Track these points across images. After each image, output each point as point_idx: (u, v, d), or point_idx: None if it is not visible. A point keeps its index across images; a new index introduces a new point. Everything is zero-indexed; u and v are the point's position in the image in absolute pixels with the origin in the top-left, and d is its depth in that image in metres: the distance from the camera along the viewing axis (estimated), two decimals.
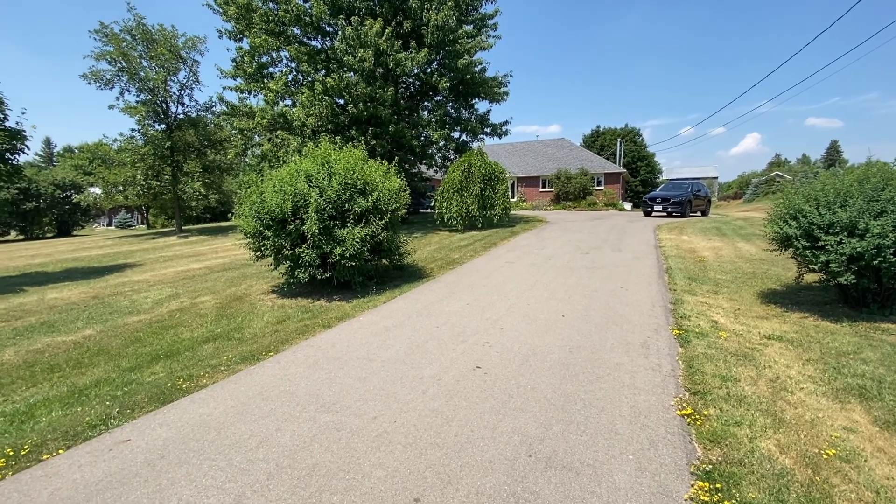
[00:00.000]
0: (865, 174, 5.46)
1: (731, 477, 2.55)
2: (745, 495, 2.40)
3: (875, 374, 3.87)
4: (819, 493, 2.44)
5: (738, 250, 10.35)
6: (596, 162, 35.90)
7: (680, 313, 5.73)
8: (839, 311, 5.65)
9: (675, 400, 3.50)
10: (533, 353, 4.63)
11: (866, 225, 4.95)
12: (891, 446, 2.88)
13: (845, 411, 3.34)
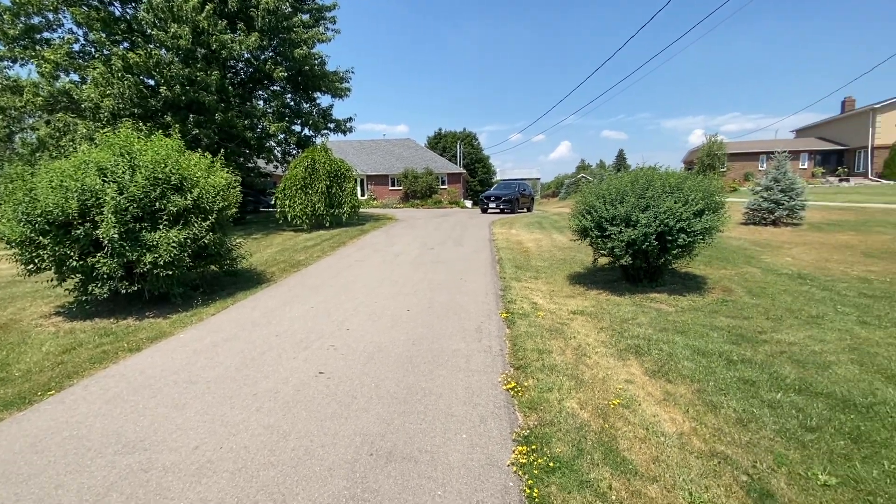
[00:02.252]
0: (635, 177, 6.89)
1: (544, 437, 2.96)
2: (553, 451, 2.81)
3: (646, 335, 4.92)
4: (607, 437, 2.99)
5: (554, 241, 12.12)
6: (440, 162, 37.93)
7: (508, 298, 6.43)
8: (623, 287, 7.04)
9: (501, 376, 3.91)
10: (378, 350, 4.64)
11: (637, 217, 6.25)
12: (656, 390, 3.70)
13: (626, 367, 4.17)
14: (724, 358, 4.15)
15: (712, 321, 5.21)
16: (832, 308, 5.51)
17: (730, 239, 11.03)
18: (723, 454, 2.77)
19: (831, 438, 2.85)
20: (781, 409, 3.22)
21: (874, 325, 4.88)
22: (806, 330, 4.81)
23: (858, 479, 2.48)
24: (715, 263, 8.37)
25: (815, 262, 8.21)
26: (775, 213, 12.51)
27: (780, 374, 3.76)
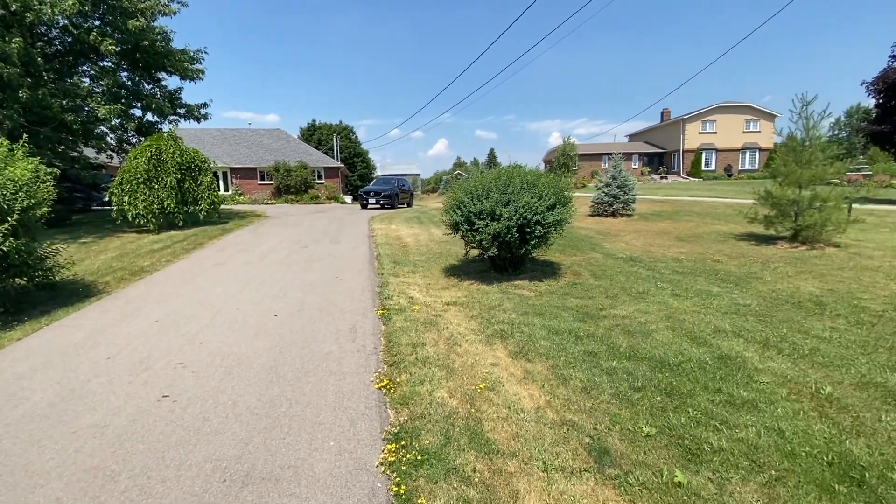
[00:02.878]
0: (498, 174, 7.38)
1: (414, 431, 2.98)
2: (423, 443, 2.84)
3: (510, 319, 5.29)
4: (473, 421, 3.13)
5: (432, 235, 12.43)
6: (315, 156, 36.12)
7: (385, 294, 6.38)
8: (492, 276, 7.50)
9: (375, 375, 3.85)
10: (238, 363, 4.20)
11: (500, 212, 6.69)
12: (518, 370, 3.99)
13: (493, 351, 4.42)
14: (573, 335, 4.67)
15: (564, 302, 5.84)
16: (654, 284, 6.61)
17: (580, 229, 12.53)
18: (571, 422, 3.10)
19: (652, 395, 3.39)
20: (616, 375, 3.73)
21: (683, 297, 5.98)
22: (635, 304, 5.68)
23: (671, 427, 2.98)
24: (567, 251, 9.42)
25: (642, 247, 9.78)
26: (614, 206, 14.58)
27: (616, 345, 4.37)
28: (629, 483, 2.45)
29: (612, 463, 2.64)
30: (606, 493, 2.40)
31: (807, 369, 3.71)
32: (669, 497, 2.34)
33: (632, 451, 2.73)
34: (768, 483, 2.41)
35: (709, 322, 4.91)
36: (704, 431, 2.89)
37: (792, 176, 8.88)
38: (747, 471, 2.51)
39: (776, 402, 3.21)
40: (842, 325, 4.74)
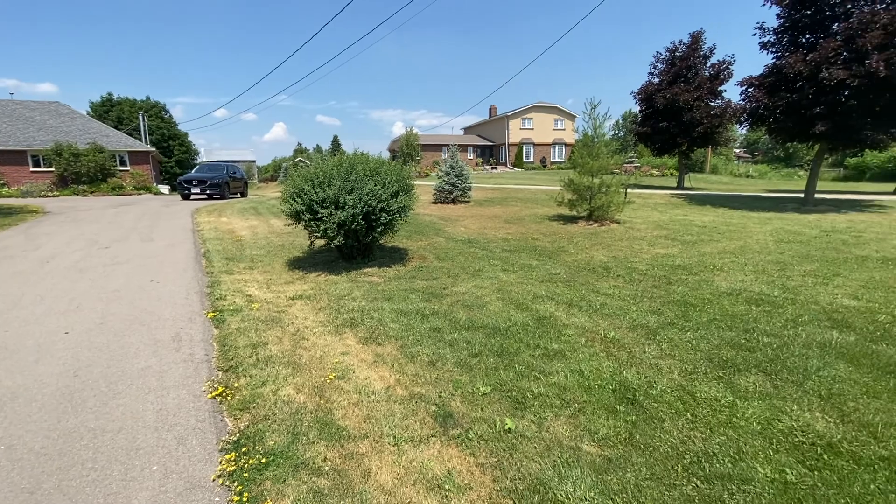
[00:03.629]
0: (339, 162, 7.21)
1: (257, 434, 2.79)
2: (268, 445, 2.68)
3: (360, 307, 5.29)
4: (323, 413, 3.08)
5: (272, 227, 11.53)
6: (114, 137, 29.77)
7: (216, 295, 5.72)
8: (340, 266, 7.36)
9: (206, 384, 3.45)
10: (13, 397, 3.29)
11: (344, 200, 6.58)
12: (368, 355, 4.03)
13: (342, 340, 4.38)
14: (420, 314, 4.93)
15: (412, 285, 6.10)
16: (487, 263, 7.36)
17: (424, 216, 13.13)
18: (419, 394, 3.29)
19: (487, 359, 3.81)
20: (457, 346, 4.08)
21: (510, 271, 6.81)
22: (472, 281, 6.25)
23: (502, 383, 3.41)
24: (414, 237, 9.80)
25: (478, 230, 10.76)
26: (453, 194, 15.66)
27: (457, 318, 4.76)
28: (469, 438, 2.74)
29: (455, 424, 2.91)
30: (450, 451, 2.64)
31: (598, 320, 4.64)
32: (502, 442, 2.69)
33: (471, 410, 3.05)
34: (573, 414, 2.97)
35: (530, 290, 5.72)
36: (527, 382, 3.39)
37: (586, 166, 10.81)
38: (559, 408, 3.05)
39: (578, 349, 3.95)
40: (621, 283, 6.03)
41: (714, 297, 5.28)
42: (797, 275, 6.15)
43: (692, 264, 6.90)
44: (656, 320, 4.58)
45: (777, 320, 4.48)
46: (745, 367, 3.54)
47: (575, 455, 2.56)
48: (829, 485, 2.28)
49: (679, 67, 19.60)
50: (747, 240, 8.76)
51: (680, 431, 2.76)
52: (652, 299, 5.29)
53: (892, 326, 4.24)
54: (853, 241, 8.33)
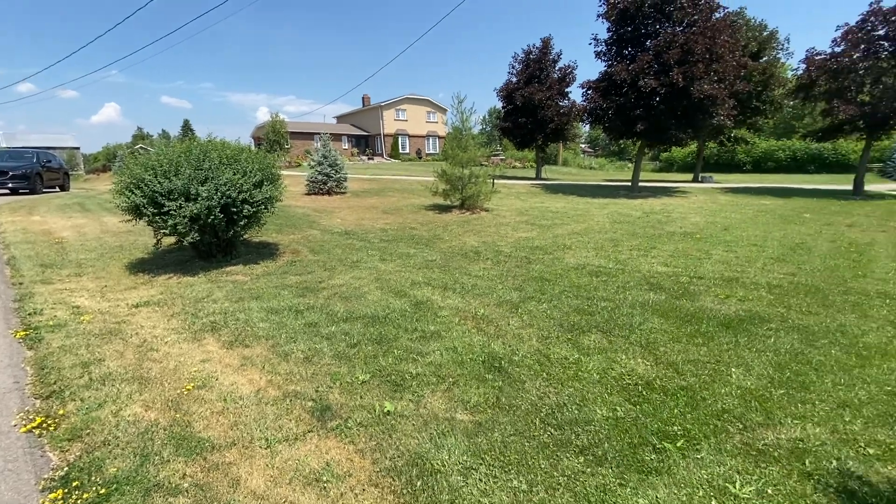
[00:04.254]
0: (189, 148, 6.40)
1: (93, 464, 2.38)
2: (108, 474, 2.31)
3: (223, 309, 4.82)
4: (180, 426, 2.76)
5: (105, 225, 9.74)
6: None
7: (29, 310, 4.66)
8: (197, 266, 6.58)
9: (19, 416, 2.82)
10: None
11: (197, 190, 5.87)
12: (234, 359, 3.70)
13: (202, 347, 3.95)
14: (294, 310, 4.69)
15: (283, 281, 5.76)
16: (366, 253, 7.30)
17: (297, 207, 12.43)
18: (293, 392, 3.15)
19: (365, 347, 3.81)
20: (335, 338, 4.00)
21: (389, 260, 6.85)
22: (350, 273, 6.15)
23: (381, 369, 3.45)
24: (285, 230, 9.22)
25: (355, 221, 10.58)
26: (328, 184, 15.07)
27: (334, 311, 4.65)
28: (348, 427, 2.73)
29: (334, 415, 2.86)
30: (329, 443, 2.60)
31: (470, 300, 4.96)
32: (381, 425, 2.74)
33: (350, 400, 3.03)
34: (448, 388, 3.16)
35: (408, 278, 5.85)
36: (406, 365, 3.49)
37: (457, 158, 11.36)
38: (435, 385, 3.21)
39: (452, 328, 4.18)
40: (489, 265, 6.53)
41: (564, 271, 6.05)
42: (626, 249, 7.37)
43: (547, 245, 7.77)
44: (518, 295, 5.08)
45: (611, 287, 5.33)
46: (587, 328, 4.15)
47: (450, 425, 2.73)
48: (647, 414, 2.82)
49: (533, 69, 21.62)
50: (590, 222, 10.18)
51: (538, 389, 3.13)
52: (515, 277, 5.83)
53: (689, 285, 5.37)
54: (665, 220, 10.27)
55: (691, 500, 2.15)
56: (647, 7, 14.39)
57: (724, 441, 2.56)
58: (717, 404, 2.91)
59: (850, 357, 3.52)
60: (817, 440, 2.56)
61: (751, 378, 3.23)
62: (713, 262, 6.49)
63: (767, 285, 5.32)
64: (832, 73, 14.61)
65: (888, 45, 13.62)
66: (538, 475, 2.31)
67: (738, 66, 14.66)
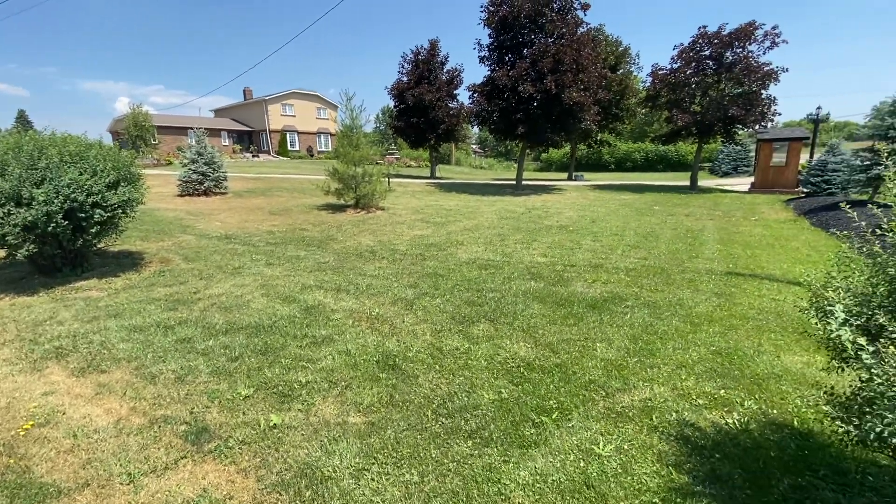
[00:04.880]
0: (17, 142, 5.33)
1: None
2: None
3: (71, 331, 4.12)
4: (16, 473, 2.31)
5: None
6: None
7: None
8: (36, 283, 5.53)
9: None
10: None
11: (31, 194, 4.92)
12: (87, 388, 3.19)
13: (44, 377, 3.34)
14: (163, 326, 4.20)
15: (150, 294, 5.10)
16: (250, 258, 6.79)
17: (168, 211, 11.07)
18: (163, 417, 2.83)
19: (249, 360, 3.56)
20: (213, 353, 3.67)
21: (276, 264, 6.46)
22: (231, 280, 5.67)
23: (267, 381, 3.25)
24: (153, 237, 8.16)
25: (237, 224, 9.76)
26: (205, 184, 13.66)
27: (212, 323, 4.26)
28: (229, 447, 2.54)
29: (212, 437, 2.64)
30: (206, 467, 2.39)
31: (365, 300, 4.92)
32: (266, 440, 2.59)
33: (231, 418, 2.81)
34: (340, 392, 3.10)
35: (298, 282, 5.58)
36: (295, 373, 3.34)
37: (349, 156, 11.10)
38: (327, 390, 3.13)
39: (346, 330, 4.11)
40: (385, 264, 6.52)
41: (457, 266, 6.30)
42: (511, 243, 7.92)
43: (441, 242, 8.02)
44: (413, 292, 5.17)
45: (498, 278, 5.69)
46: (477, 318, 4.39)
47: (342, 430, 2.69)
48: (528, 392, 3.09)
49: (422, 70, 21.99)
50: (480, 218, 10.73)
51: (431, 382, 3.23)
52: (410, 275, 5.92)
53: (564, 273, 5.97)
54: (544, 215, 11.24)
55: (564, 465, 2.41)
56: (523, 17, 15.53)
57: (590, 408, 2.92)
58: (585, 376, 3.30)
59: (686, 325, 4.23)
60: (661, 398, 3.04)
61: (612, 350, 3.71)
62: (583, 251, 7.29)
63: (625, 269, 6.14)
64: (671, 86, 17.29)
65: (712, 63, 16.52)
66: (430, 465, 2.39)
67: (600, 77, 16.57)
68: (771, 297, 4.93)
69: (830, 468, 2.36)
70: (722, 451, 2.51)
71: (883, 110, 10.71)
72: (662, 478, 2.30)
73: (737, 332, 4.06)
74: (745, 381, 3.23)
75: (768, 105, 15.85)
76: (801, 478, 2.29)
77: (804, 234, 8.81)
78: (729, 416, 2.83)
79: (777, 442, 2.58)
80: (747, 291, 5.17)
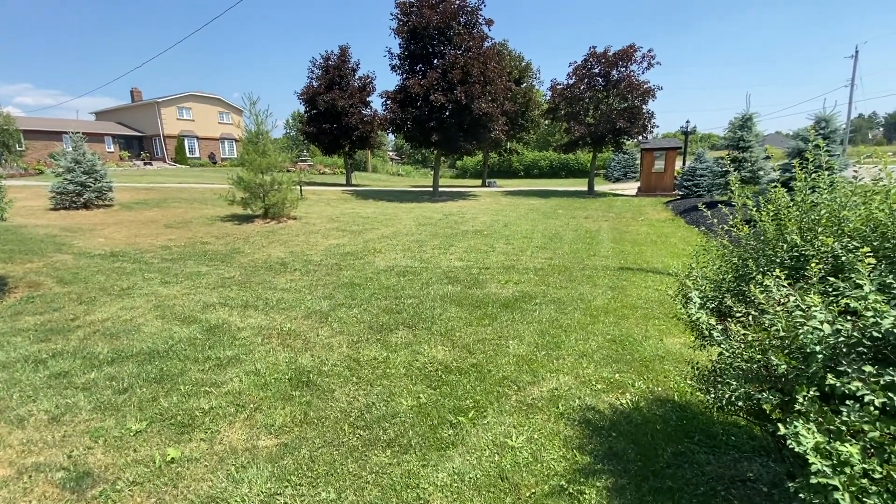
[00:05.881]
0: None
1: None
2: None
3: None
4: None
5: None
6: None
7: None
8: None
9: None
10: None
11: None
12: None
13: None
14: (33, 361, 3.62)
15: (15, 325, 4.37)
16: (141, 277, 6.10)
17: (37, 227, 9.55)
18: (34, 465, 2.44)
19: (141, 390, 3.21)
20: (96, 387, 3.25)
21: (173, 283, 5.89)
22: (119, 303, 5.06)
23: (163, 412, 2.96)
24: (18, 258, 6.98)
25: (126, 239, 8.71)
26: (84, 196, 12.01)
27: (95, 353, 3.77)
28: (117, 490, 2.27)
29: (96, 481, 2.34)
30: None
31: (275, 316, 4.68)
32: (163, 477, 2.36)
33: (119, 457, 2.52)
34: (249, 416, 2.92)
35: (199, 300, 5.14)
36: (196, 400, 3.08)
37: (255, 163, 10.48)
38: (234, 415, 2.92)
39: (254, 349, 3.87)
40: (297, 276, 6.26)
41: (374, 275, 6.25)
42: (429, 248, 8.05)
43: (358, 250, 7.89)
44: (329, 304, 5.03)
45: (416, 285, 5.75)
46: (395, 326, 4.39)
47: (251, 455, 2.53)
48: (445, 395, 3.16)
49: (333, 75, 21.50)
50: (398, 225, 10.74)
51: (348, 395, 3.17)
52: (325, 286, 5.75)
53: (479, 275, 6.21)
54: (460, 220, 11.58)
55: (480, 461, 2.51)
56: (432, 28, 15.92)
57: (504, 404, 3.07)
58: (499, 373, 3.46)
59: (586, 317, 4.63)
60: (566, 386, 3.30)
61: (523, 346, 3.94)
62: (496, 253, 7.64)
63: (534, 269, 6.55)
64: (568, 100, 18.83)
65: (601, 80, 18.30)
66: (347, 480, 2.35)
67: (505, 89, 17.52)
68: (654, 288, 5.58)
69: (703, 433, 2.74)
70: (618, 429, 2.78)
71: (735, 124, 12.72)
72: (568, 461, 2.50)
73: (628, 320, 4.54)
74: (636, 364, 3.62)
75: (649, 118, 17.95)
76: (681, 444, 2.63)
77: (680, 231, 10.09)
78: (623, 397, 3.15)
79: (662, 416, 2.93)
80: (636, 284, 5.79)
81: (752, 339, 1.82)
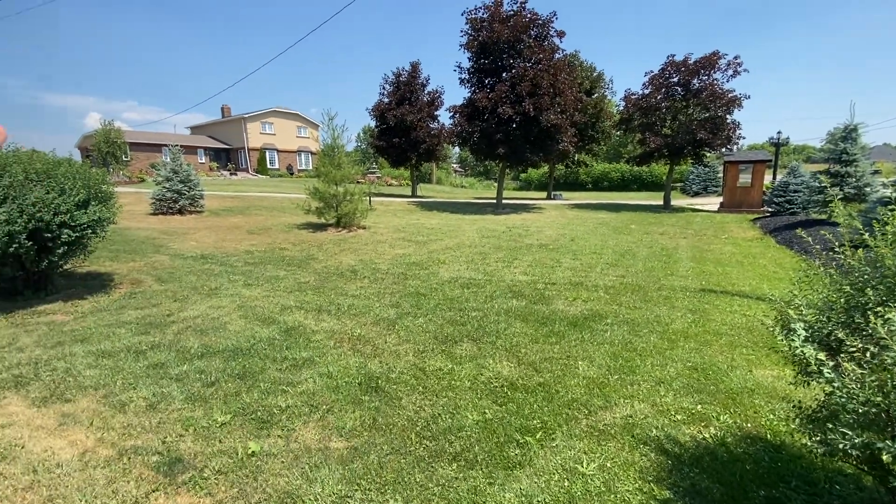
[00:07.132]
0: None
1: None
2: None
3: (32, 358, 3.91)
4: None
5: None
6: None
7: None
8: None
9: None
10: None
11: None
12: (49, 420, 3.03)
13: (1, 409, 3.16)
14: (133, 351, 4.04)
15: (119, 318, 4.92)
16: (227, 279, 6.64)
17: (139, 230, 10.76)
18: (133, 448, 2.70)
19: (226, 385, 3.45)
20: (188, 379, 3.54)
21: (255, 285, 6.33)
22: (208, 301, 5.52)
23: (245, 407, 3.15)
24: (123, 257, 7.90)
25: (214, 243, 9.55)
26: (180, 203, 13.38)
27: (187, 347, 4.12)
28: (204, 477, 2.43)
29: (186, 467, 2.53)
30: (180, 499, 2.28)
31: (346, 321, 4.85)
32: (244, 469, 2.50)
33: (206, 446, 2.71)
34: (322, 416, 3.03)
35: (277, 303, 5.48)
36: (274, 398, 3.25)
37: (330, 175, 11.08)
38: (308, 415, 3.05)
39: (327, 352, 4.03)
40: (366, 283, 6.47)
41: (439, 285, 6.30)
42: (493, 261, 7.99)
43: (423, 260, 8.02)
44: (395, 312, 5.13)
45: (480, 297, 5.71)
46: (459, 338, 4.38)
47: (323, 456, 2.62)
48: (511, 413, 3.08)
49: (403, 91, 22.32)
50: (461, 237, 10.79)
51: (414, 404, 3.19)
52: (392, 294, 5.88)
53: (545, 291, 6.04)
54: (524, 234, 11.39)
55: (549, 485, 2.40)
56: (502, 43, 16.02)
57: (573, 427, 2.92)
58: (567, 395, 3.31)
59: (663, 341, 4.32)
60: (642, 414, 3.08)
61: (593, 368, 3.75)
62: (563, 269, 7.40)
63: (604, 287, 6.25)
64: (643, 110, 18.00)
65: (680, 89, 17.32)
66: (414, 489, 2.35)
67: (576, 100, 17.14)
68: (742, 313, 5.09)
69: (801, 479, 2.42)
70: (700, 465, 2.54)
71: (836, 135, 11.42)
72: (645, 494, 2.32)
73: (711, 347, 4.17)
74: (721, 395, 3.30)
75: (733, 129, 16.64)
76: (776, 489, 2.34)
77: (770, 251, 9.17)
78: (706, 430, 2.88)
79: (752, 455, 2.63)
80: (720, 308, 5.32)
81: (872, 379, 1.58)
